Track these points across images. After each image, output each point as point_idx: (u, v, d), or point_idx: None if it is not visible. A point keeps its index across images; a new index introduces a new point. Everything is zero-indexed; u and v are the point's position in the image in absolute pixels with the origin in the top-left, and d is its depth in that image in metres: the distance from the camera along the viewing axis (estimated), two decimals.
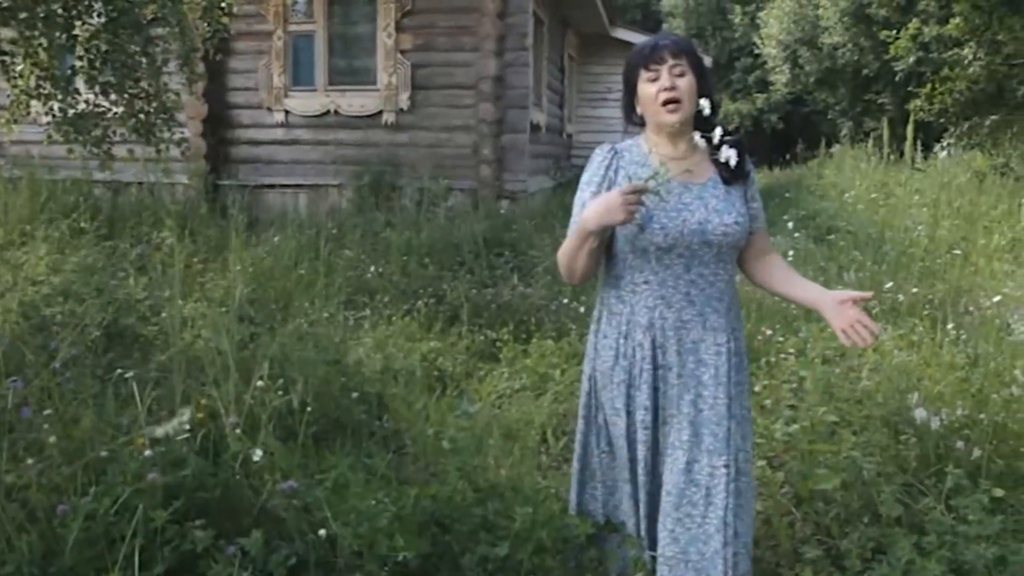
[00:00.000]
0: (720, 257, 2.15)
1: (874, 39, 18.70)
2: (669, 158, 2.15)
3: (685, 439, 2.13)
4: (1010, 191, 9.00)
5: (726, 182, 2.17)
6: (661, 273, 2.14)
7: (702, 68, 2.16)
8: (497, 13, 8.57)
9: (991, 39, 10.22)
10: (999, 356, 3.95)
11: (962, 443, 2.95)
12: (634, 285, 2.18)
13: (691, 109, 2.11)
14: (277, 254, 6.59)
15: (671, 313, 2.15)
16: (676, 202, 2.11)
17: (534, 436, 3.71)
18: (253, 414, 2.67)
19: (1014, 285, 5.76)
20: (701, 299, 2.15)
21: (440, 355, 4.78)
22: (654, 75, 2.12)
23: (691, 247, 2.11)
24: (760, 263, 2.31)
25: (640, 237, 2.11)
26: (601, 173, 2.19)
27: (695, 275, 2.14)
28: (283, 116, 9.35)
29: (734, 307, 2.23)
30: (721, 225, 2.11)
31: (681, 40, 2.20)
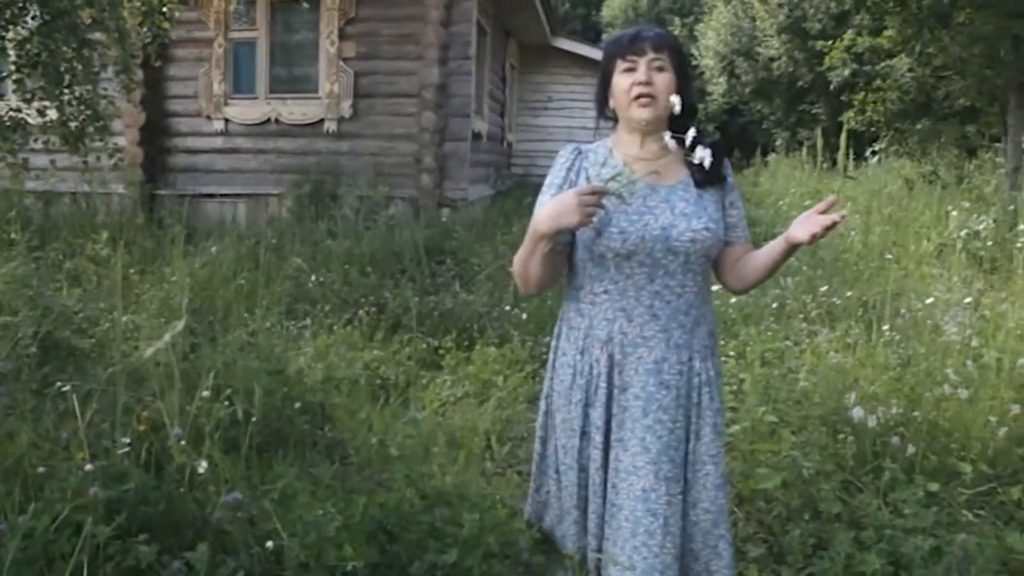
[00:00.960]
0: (688, 267, 1.96)
1: (808, 51, 19.17)
2: (636, 158, 1.99)
3: (641, 465, 1.95)
4: (938, 198, 9.28)
5: (699, 185, 2.00)
6: (621, 283, 1.96)
7: (685, 67, 2.00)
8: (441, 22, 8.57)
9: (921, 51, 10.54)
10: (931, 356, 4.08)
11: (897, 440, 3.04)
12: (593, 296, 2.01)
13: (665, 108, 1.94)
14: (215, 264, 6.49)
15: (632, 328, 1.97)
16: (639, 205, 1.94)
17: (479, 442, 3.71)
18: (197, 426, 2.62)
19: (943, 288, 5.94)
20: (666, 313, 1.96)
21: (382, 363, 4.76)
22: (631, 66, 1.96)
23: (654, 255, 1.93)
24: (737, 268, 2.07)
25: (597, 243, 1.93)
26: (562, 175, 2.03)
27: (659, 286, 1.95)
28: (223, 124, 9.21)
29: (705, 323, 2.04)
30: (688, 231, 1.92)
31: (666, 34, 2.01)
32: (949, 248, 7.45)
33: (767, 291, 5.80)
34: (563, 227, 1.82)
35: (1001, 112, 9.53)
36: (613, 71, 2.00)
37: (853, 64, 14.70)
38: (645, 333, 1.97)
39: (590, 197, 1.78)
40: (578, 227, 1.82)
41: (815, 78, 19.56)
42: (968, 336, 4.15)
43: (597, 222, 1.89)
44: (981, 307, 5.22)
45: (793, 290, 5.84)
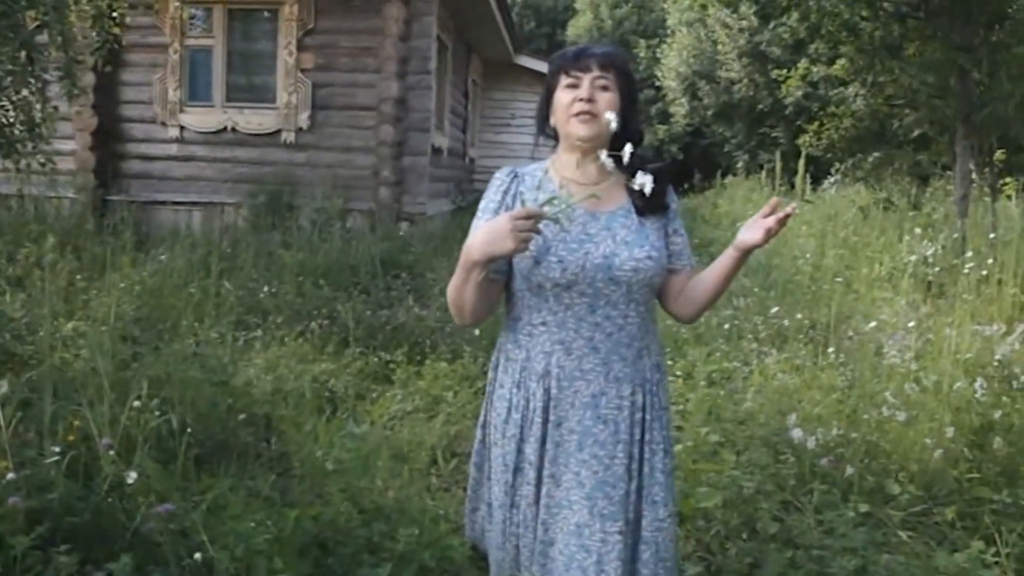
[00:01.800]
0: (631, 297, 1.87)
1: (768, 76, 19.46)
2: (575, 182, 1.90)
3: (575, 500, 1.86)
4: (892, 224, 9.45)
5: (640, 212, 1.91)
6: (560, 314, 1.87)
7: (631, 90, 1.92)
8: (400, 36, 8.58)
9: (873, 81, 10.74)
10: (874, 379, 4.13)
11: (827, 461, 3.07)
12: (531, 327, 1.90)
13: (606, 128, 1.83)
14: (166, 272, 6.40)
15: (570, 361, 1.87)
16: (579, 232, 1.85)
17: (424, 458, 3.69)
18: (130, 436, 2.57)
19: (890, 312, 6.03)
20: (607, 345, 1.86)
21: (332, 376, 4.72)
22: (574, 82, 1.87)
23: (595, 284, 1.83)
24: (684, 295, 1.98)
25: (535, 272, 1.83)
26: (498, 199, 1.92)
27: (601, 317, 1.86)
28: (178, 131, 9.12)
29: (649, 355, 1.94)
30: (631, 259, 1.84)
31: (615, 53, 1.93)
32: (899, 273, 7.57)
33: (719, 312, 5.85)
34: (497, 254, 1.71)
35: (950, 142, 9.74)
36: (556, 86, 1.91)
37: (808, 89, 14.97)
38: (584, 366, 1.87)
39: (525, 222, 1.67)
40: (513, 254, 1.71)
41: (775, 102, 19.85)
42: (909, 360, 4.21)
43: (535, 250, 1.80)
44: (925, 331, 5.30)
45: (745, 311, 5.90)
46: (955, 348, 4.53)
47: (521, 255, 1.78)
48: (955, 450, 3.11)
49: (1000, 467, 3.17)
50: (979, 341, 4.87)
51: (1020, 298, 6.31)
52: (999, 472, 3.16)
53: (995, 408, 3.33)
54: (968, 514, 3.04)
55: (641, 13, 32.30)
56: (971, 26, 8.57)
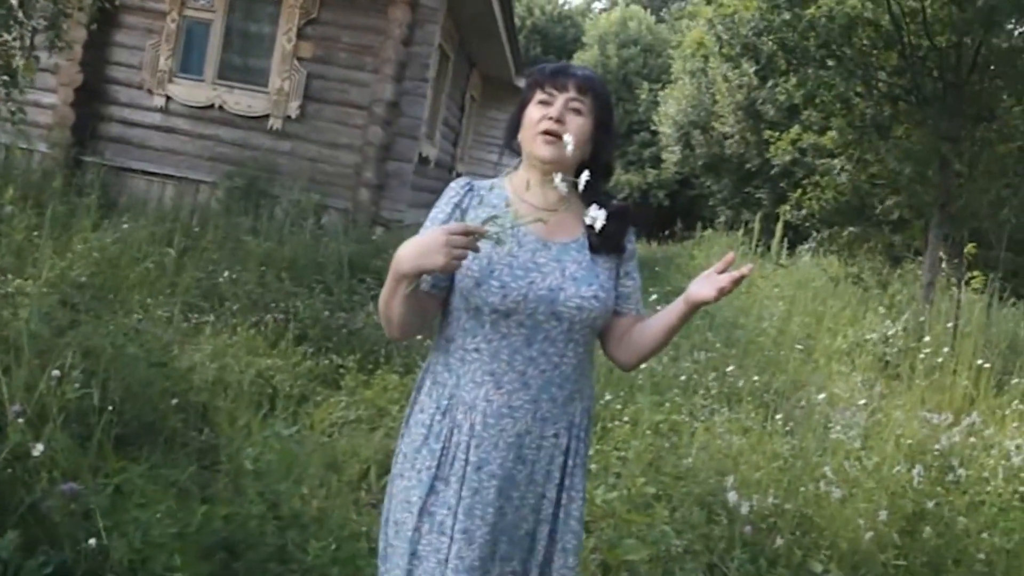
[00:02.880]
0: (571, 336, 1.77)
1: (760, 135, 19.64)
2: (529, 204, 1.80)
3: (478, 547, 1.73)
4: (859, 299, 9.52)
5: (594, 249, 1.82)
6: (496, 342, 1.75)
7: (607, 119, 1.84)
8: (402, 40, 8.54)
9: (860, 157, 10.88)
10: (817, 451, 4.12)
11: (750, 527, 3.02)
12: (464, 352, 1.78)
13: (574, 155, 1.74)
14: (127, 241, 6.27)
15: (499, 395, 1.75)
16: (527, 259, 1.75)
17: (357, 470, 3.60)
18: (46, 407, 2.47)
19: (845, 387, 6.04)
20: (539, 383, 1.76)
21: (279, 373, 4.61)
22: (547, 99, 1.79)
23: (536, 316, 1.73)
24: (626, 340, 1.88)
25: (475, 293, 1.72)
26: (447, 211, 1.82)
27: (536, 352, 1.75)
28: (163, 101, 8.98)
29: (581, 399, 1.84)
30: (576, 296, 1.74)
31: (596, 79, 1.84)
32: (859, 348, 7.62)
33: (679, 363, 5.83)
34: (426, 268, 1.59)
35: (925, 227, 9.86)
36: (530, 100, 1.83)
37: (796, 155, 15.13)
38: (513, 402, 1.75)
39: (460, 238, 1.56)
40: (443, 271, 1.60)
41: (762, 163, 20.03)
42: (854, 437, 4.20)
43: (477, 270, 1.72)
44: (875, 410, 5.31)
45: (703, 366, 5.88)
46: (901, 431, 4.53)
47: (464, 274, 1.72)
48: (886, 534, 3.08)
49: (927, 557, 3.15)
50: (926, 427, 4.88)
51: (971, 391, 6.35)
52: (925, 562, 3.14)
53: (930, 497, 3.31)
54: None
55: (647, 56, 32.59)
56: (959, 118, 8.70)
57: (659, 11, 42.67)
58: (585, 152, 1.80)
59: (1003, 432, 5.03)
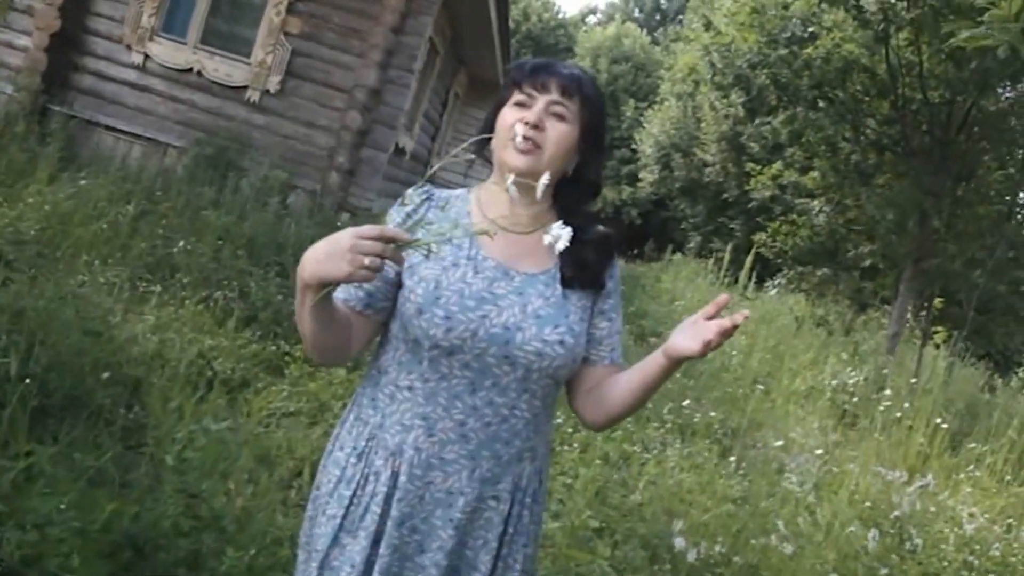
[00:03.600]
0: (526, 385, 1.49)
1: (740, 166, 19.68)
2: (499, 227, 1.53)
3: None
4: (822, 343, 9.48)
5: (566, 283, 1.52)
6: (433, 383, 1.47)
7: (596, 128, 1.55)
8: (392, 27, 8.33)
9: (839, 200, 10.88)
10: (769, 498, 4.00)
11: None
12: (395, 388, 1.51)
13: (553, 167, 1.47)
14: (83, 198, 6.02)
15: (430, 444, 1.48)
16: (482, 288, 1.47)
17: (291, 467, 3.41)
18: None
19: (801, 432, 5.95)
20: (480, 437, 1.48)
21: (223, 355, 4.41)
22: (525, 101, 1.52)
23: (484, 359, 1.45)
24: (595, 394, 1.58)
25: (414, 323, 1.45)
26: (399, 220, 1.56)
27: (481, 401, 1.47)
28: (141, 59, 8.67)
29: (532, 459, 1.56)
30: (536, 338, 1.46)
31: (586, 79, 1.55)
32: (818, 393, 7.55)
33: None
34: (327, 277, 1.28)
35: (896, 279, 9.86)
36: (506, 101, 1.56)
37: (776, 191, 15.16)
38: (445, 455, 1.48)
39: (371, 243, 1.25)
40: (349, 280, 1.28)
41: (740, 195, 20.09)
42: (808, 489, 4.09)
43: (422, 296, 1.45)
44: (830, 460, 5.22)
45: (661, 396, 5.76)
46: (854, 486, 4.44)
47: (406, 297, 1.47)
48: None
49: None
50: (879, 483, 4.80)
51: (925, 448, 6.30)
52: None
53: (882, 563, 3.20)
54: None
55: (638, 74, 32.66)
56: (943, 175, 8.70)
57: (654, 31, 42.84)
58: (568, 165, 1.53)
59: (956, 496, 4.97)
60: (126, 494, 2.47)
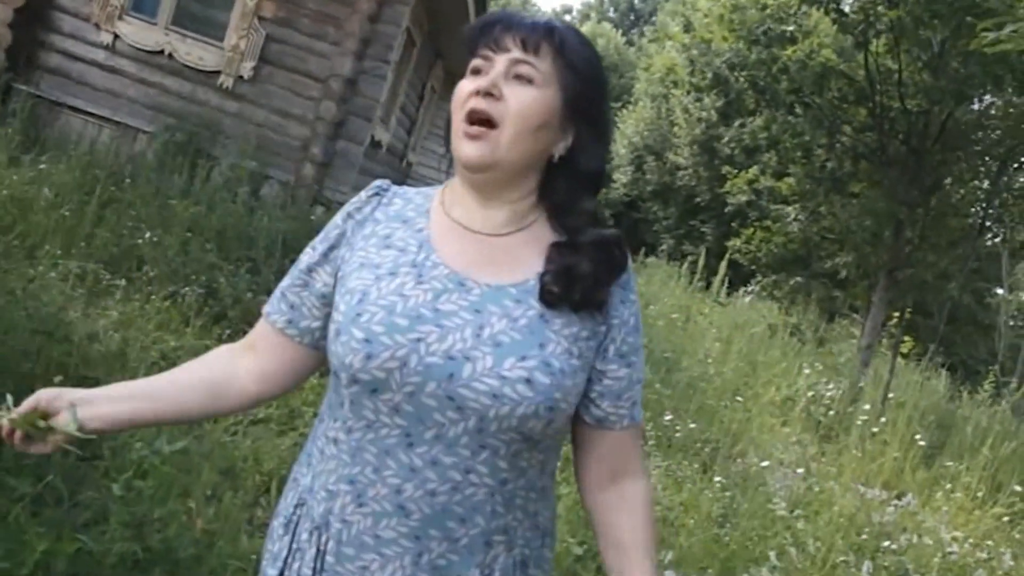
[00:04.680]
0: (482, 441, 1.08)
1: (713, 171, 19.67)
2: (465, 228, 1.17)
3: None
4: (796, 352, 9.43)
5: (548, 301, 1.11)
6: (359, 434, 1.11)
7: (589, 94, 1.15)
8: (369, 15, 8.11)
9: (814, 208, 10.83)
10: (754, 519, 3.88)
11: None
12: (325, 441, 1.18)
13: (522, 149, 1.12)
14: (46, 183, 5.75)
15: (361, 516, 1.12)
16: (423, 302, 1.10)
17: (257, 481, 3.22)
18: None
19: (780, 446, 5.86)
20: (425, 511, 1.09)
21: (189, 355, 4.20)
22: (481, 66, 1.15)
23: (420, 399, 1.07)
24: (608, 490, 1.21)
25: (331, 347, 1.13)
26: (338, 221, 1.25)
27: (421, 460, 1.08)
28: (111, 39, 8.37)
29: (508, 546, 1.16)
30: (490, 375, 1.06)
31: (560, 29, 1.15)
32: (793, 403, 7.48)
33: None
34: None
35: (869, 289, 9.83)
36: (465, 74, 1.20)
37: (751, 196, 15.14)
38: (381, 532, 1.11)
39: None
40: None
41: (712, 199, 20.08)
42: (796, 515, 3.98)
43: (343, 312, 1.12)
44: (811, 476, 5.13)
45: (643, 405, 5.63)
46: (837, 507, 4.35)
47: (332, 319, 1.15)
48: None
49: None
50: (859, 501, 4.72)
51: (901, 463, 6.25)
52: None
53: None
54: None
55: (612, 75, 32.59)
56: (917, 185, 8.67)
57: (628, 32, 42.83)
58: (551, 145, 1.15)
59: (935, 516, 4.90)
60: (74, 515, 2.27)
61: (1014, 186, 9.33)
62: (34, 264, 4.49)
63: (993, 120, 8.85)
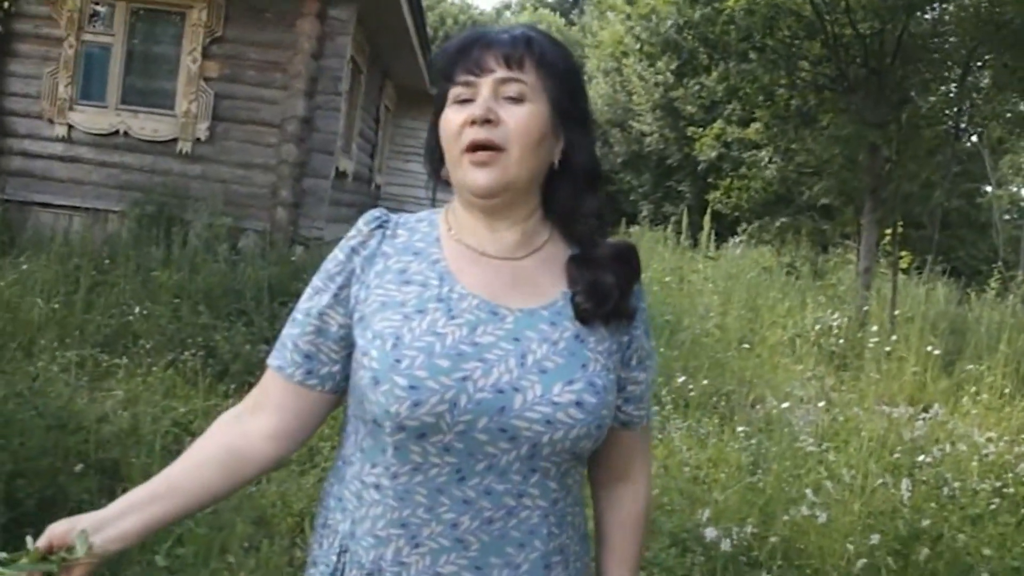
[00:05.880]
0: (534, 465, 1.09)
1: (679, 131, 19.72)
2: (479, 253, 1.16)
3: None
4: (796, 289, 9.46)
5: (583, 316, 1.12)
6: (405, 479, 1.09)
7: (572, 94, 1.16)
8: (312, 53, 8.13)
9: (786, 148, 10.87)
10: (784, 460, 3.91)
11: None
12: (361, 485, 1.13)
13: (524, 167, 1.11)
14: (27, 283, 5.78)
15: (418, 556, 1.09)
16: (462, 338, 1.08)
17: (290, 523, 3.25)
18: None
19: (796, 383, 5.89)
20: (485, 540, 1.09)
21: (200, 416, 4.22)
22: (466, 94, 1.12)
23: (472, 436, 1.06)
24: (607, 491, 1.26)
25: (370, 397, 1.08)
26: (341, 258, 1.18)
27: (476, 491, 1.08)
28: (65, 131, 8.40)
29: (566, 563, 1.16)
30: (546, 402, 1.06)
31: (538, 39, 1.15)
32: (803, 339, 7.51)
33: None
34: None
35: (856, 213, 9.87)
36: (445, 103, 1.15)
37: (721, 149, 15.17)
38: (442, 569, 1.09)
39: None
40: None
41: (683, 158, 20.13)
42: (824, 448, 4.00)
43: (378, 360, 1.07)
44: (833, 408, 5.16)
45: None
46: (866, 431, 4.37)
47: (360, 361, 1.11)
48: (879, 558, 2.86)
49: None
50: (887, 421, 4.75)
51: (921, 376, 6.28)
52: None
53: (921, 514, 3.10)
54: None
55: None
56: (883, 105, 8.70)
57: (568, 14, 42.87)
58: (550, 154, 1.15)
59: (964, 421, 4.93)
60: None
61: (980, 85, 9.37)
62: (33, 361, 4.52)
63: (949, 26, 8.88)
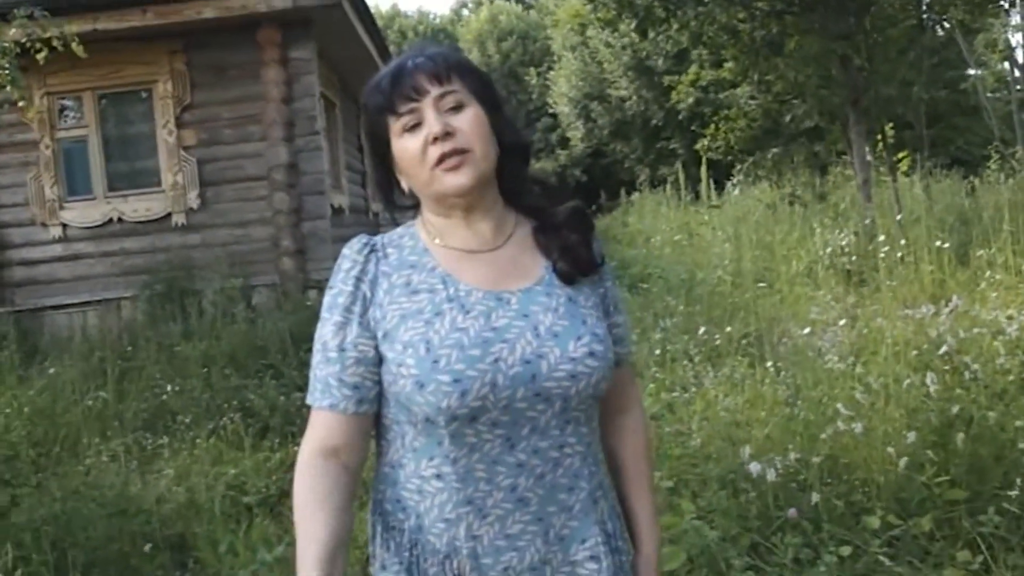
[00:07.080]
0: (567, 416, 1.26)
1: (656, 89, 19.71)
2: (464, 251, 1.30)
3: None
4: (801, 218, 9.47)
5: (567, 279, 1.30)
6: (464, 460, 1.23)
7: (489, 91, 1.32)
8: (282, 99, 8.24)
9: (760, 79, 10.86)
10: (818, 386, 3.96)
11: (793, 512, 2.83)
12: (421, 481, 1.26)
13: (490, 157, 1.28)
14: (56, 386, 5.91)
15: (488, 527, 1.24)
16: (482, 328, 1.23)
17: (359, 556, 3.34)
18: None
19: (818, 309, 5.92)
20: (539, 493, 1.26)
21: (250, 476, 4.33)
22: (413, 120, 1.26)
23: (514, 406, 1.22)
24: (611, 425, 1.42)
25: (417, 400, 1.21)
26: (349, 289, 1.30)
27: (525, 453, 1.24)
28: (60, 230, 8.57)
29: (605, 495, 1.35)
30: (565, 360, 1.23)
31: (445, 52, 1.31)
32: (818, 266, 7.53)
33: (648, 336, 5.65)
34: None
35: (843, 129, 9.85)
36: (389, 134, 1.29)
37: (699, 94, 15.18)
38: (510, 530, 1.25)
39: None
40: None
41: (666, 114, 20.11)
42: (852, 363, 4.05)
43: (415, 366, 1.21)
44: (856, 322, 5.19)
45: (672, 331, 5.71)
46: (891, 338, 4.40)
47: (397, 373, 1.23)
48: (919, 455, 2.91)
49: (966, 465, 2.99)
50: (912, 324, 4.77)
51: (938, 274, 6.29)
52: (966, 470, 2.98)
53: (950, 402, 3.15)
54: (945, 520, 2.85)
55: (526, 43, 32.62)
56: (845, 15, 8.68)
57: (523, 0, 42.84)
58: (494, 144, 1.31)
59: (986, 306, 4.95)
60: None
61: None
62: (80, 459, 4.64)
63: None
